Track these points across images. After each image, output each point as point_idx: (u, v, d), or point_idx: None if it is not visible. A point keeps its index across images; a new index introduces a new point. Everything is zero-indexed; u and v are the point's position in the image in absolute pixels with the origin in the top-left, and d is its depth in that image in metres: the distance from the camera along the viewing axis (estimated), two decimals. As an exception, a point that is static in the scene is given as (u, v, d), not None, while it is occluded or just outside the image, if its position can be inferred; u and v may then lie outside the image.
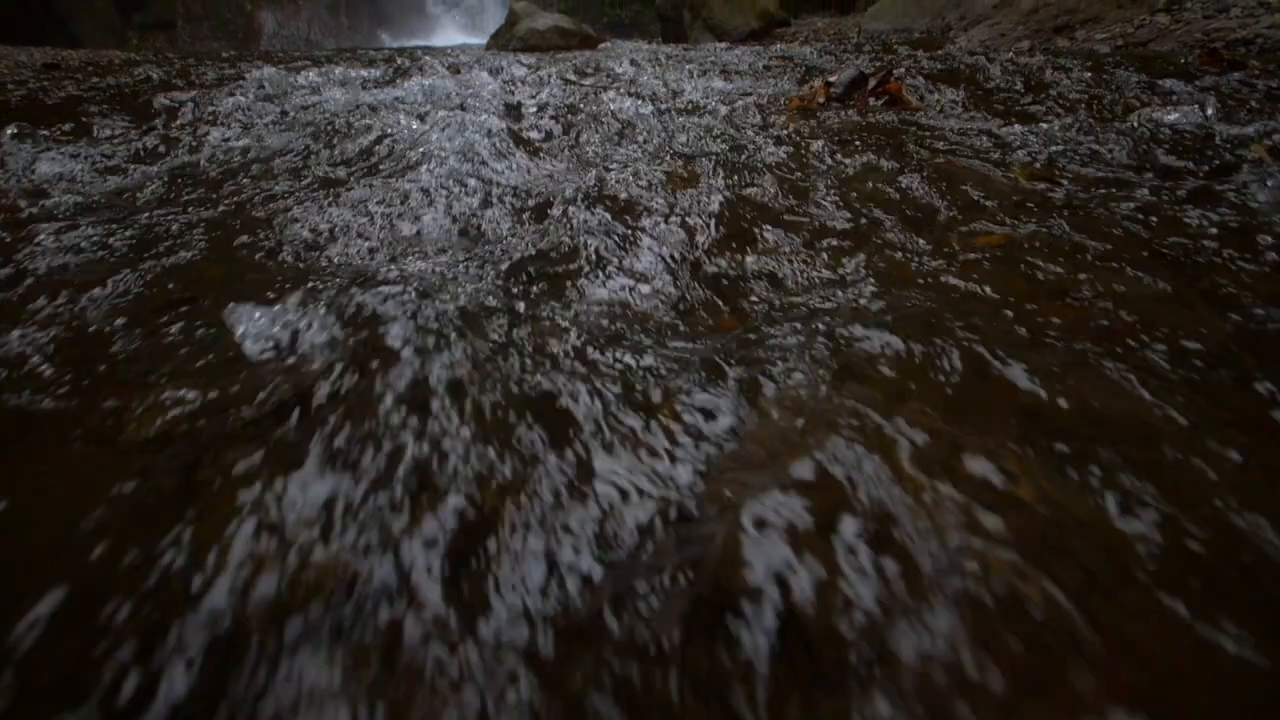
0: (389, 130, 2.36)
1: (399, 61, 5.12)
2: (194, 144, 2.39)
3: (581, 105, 3.09)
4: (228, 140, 2.40)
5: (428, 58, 5.40)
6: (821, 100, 3.27)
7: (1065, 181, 1.72)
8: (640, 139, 2.40)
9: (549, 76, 4.04)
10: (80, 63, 6.07)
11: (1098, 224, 1.37)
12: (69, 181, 1.98)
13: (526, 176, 1.91)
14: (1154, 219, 1.41)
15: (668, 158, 2.00)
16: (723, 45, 7.61)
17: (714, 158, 1.93)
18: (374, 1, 19.19)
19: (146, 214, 1.61)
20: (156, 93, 3.39)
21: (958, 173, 1.77)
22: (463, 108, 2.73)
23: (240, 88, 3.37)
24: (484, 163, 1.91)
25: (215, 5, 17.09)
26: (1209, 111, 2.16)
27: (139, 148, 2.38)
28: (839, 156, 1.94)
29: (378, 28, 19.10)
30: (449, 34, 18.58)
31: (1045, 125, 2.34)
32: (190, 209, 1.68)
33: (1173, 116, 2.12)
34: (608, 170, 1.90)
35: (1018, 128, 2.36)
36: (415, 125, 2.41)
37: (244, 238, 1.44)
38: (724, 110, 2.94)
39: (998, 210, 1.51)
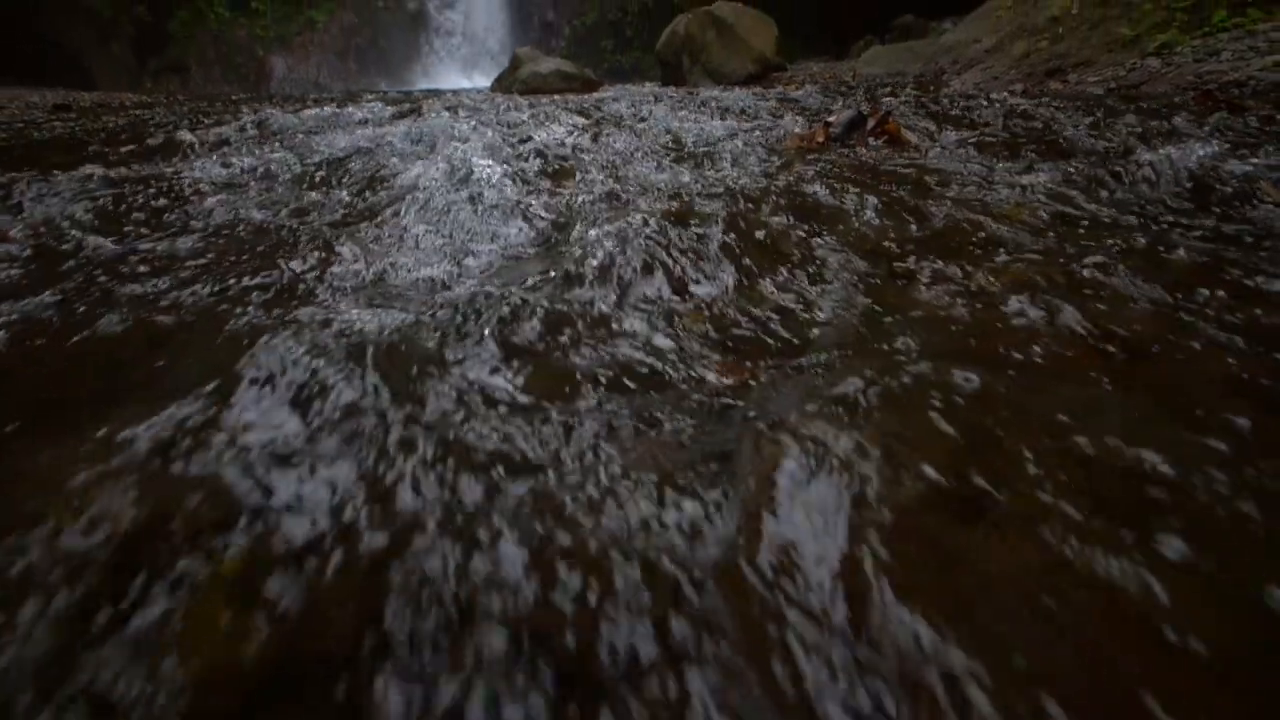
0: (382, 181, 2.35)
1: (403, 105, 5.20)
2: (172, 201, 2.36)
3: (587, 146, 3.10)
4: (201, 202, 2.30)
5: (432, 100, 5.48)
6: (821, 140, 3.29)
7: (1078, 221, 1.68)
8: (644, 181, 2.38)
9: (551, 118, 4.08)
10: (91, 104, 6.20)
11: (1118, 265, 1.32)
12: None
13: (528, 226, 1.88)
14: (1173, 259, 1.37)
15: (671, 201, 1.97)
16: (722, 89, 7.76)
17: (720, 200, 1.90)
18: (380, 47, 19.79)
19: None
20: (152, 136, 3.41)
21: (966, 213, 1.74)
22: (463, 153, 2.73)
23: (236, 135, 3.39)
24: (482, 218, 1.88)
25: (228, 50, 17.60)
26: (1214, 150, 2.15)
27: (106, 208, 2.34)
28: (844, 197, 1.91)
29: (384, 72, 19.65)
30: (454, 78, 19.11)
31: (1049, 164, 2.33)
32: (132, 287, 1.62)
33: (1178, 155, 2.11)
34: (613, 218, 1.87)
35: (1021, 166, 2.35)
36: (412, 174, 2.39)
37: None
38: (726, 151, 2.94)
39: (1017, 249, 1.46)
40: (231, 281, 1.44)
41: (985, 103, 3.97)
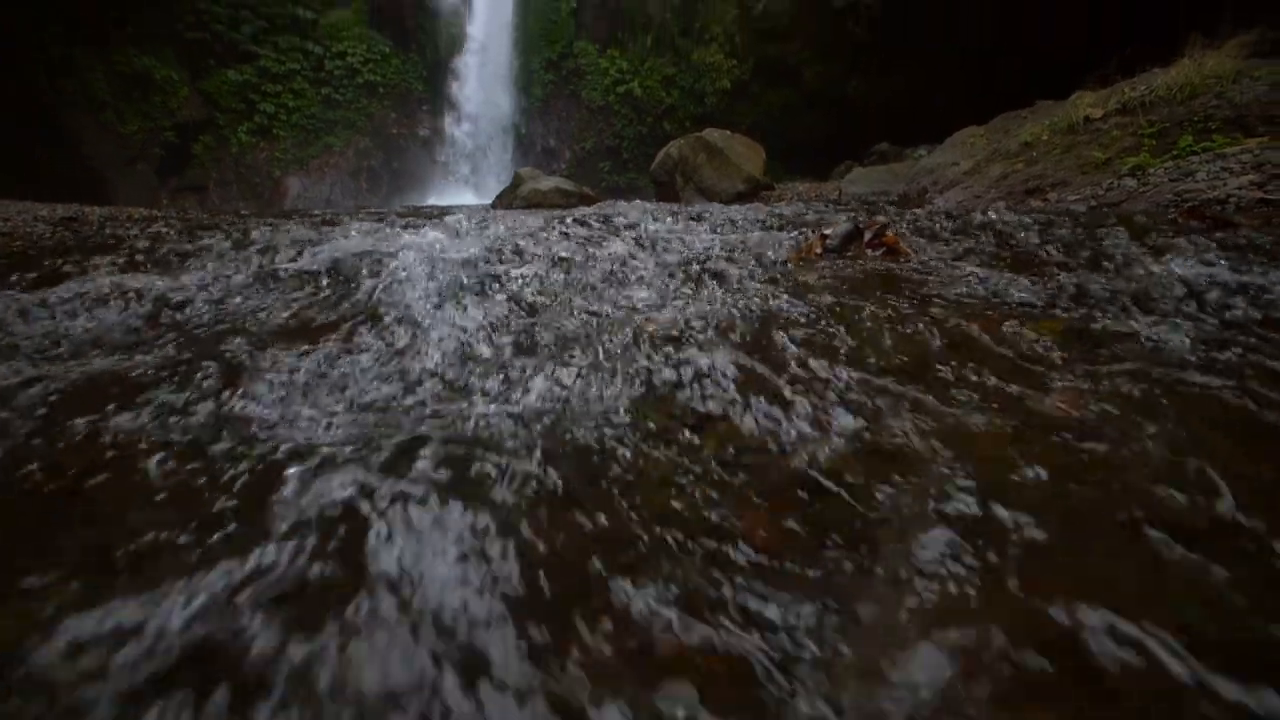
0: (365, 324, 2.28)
1: (406, 220, 5.34)
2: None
3: (585, 260, 3.08)
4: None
5: (435, 219, 5.65)
6: (819, 251, 3.30)
7: (1105, 337, 1.58)
8: (645, 299, 2.32)
9: (552, 233, 4.14)
10: (99, 218, 6.35)
11: (1160, 386, 1.19)
12: None
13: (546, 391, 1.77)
14: (1207, 370, 1.24)
15: (676, 320, 1.88)
16: (715, 205, 8.11)
17: (726, 316, 1.81)
18: (392, 168, 21.06)
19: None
20: (139, 250, 3.40)
21: (983, 328, 1.63)
22: (462, 280, 2.70)
23: (227, 258, 3.39)
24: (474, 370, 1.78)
25: (245, 171, 18.65)
26: (1221, 262, 2.10)
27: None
28: (854, 311, 1.82)
29: (395, 190, 20.76)
30: (459, 195, 20.16)
31: (1057, 277, 2.28)
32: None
33: (1189, 268, 2.06)
34: (629, 343, 1.76)
35: (1028, 280, 2.30)
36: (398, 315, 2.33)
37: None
38: (726, 263, 2.92)
39: (1051, 368, 1.34)
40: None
41: (975, 218, 4.07)
